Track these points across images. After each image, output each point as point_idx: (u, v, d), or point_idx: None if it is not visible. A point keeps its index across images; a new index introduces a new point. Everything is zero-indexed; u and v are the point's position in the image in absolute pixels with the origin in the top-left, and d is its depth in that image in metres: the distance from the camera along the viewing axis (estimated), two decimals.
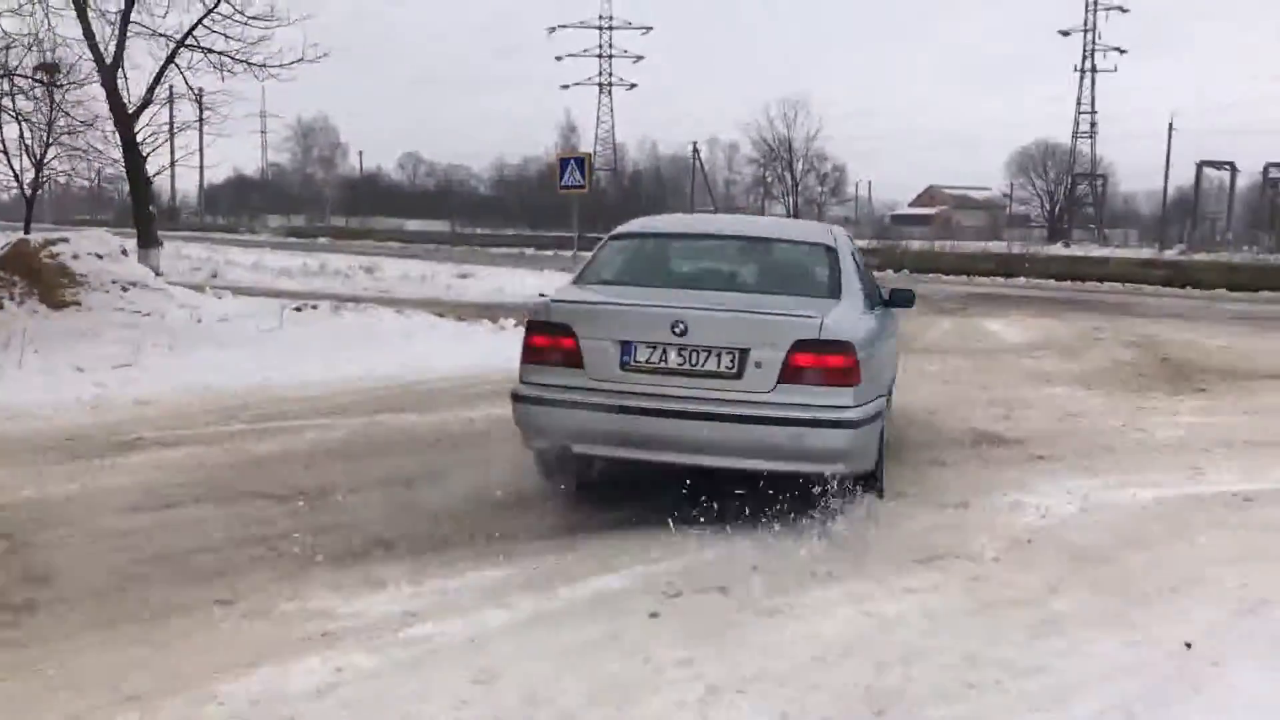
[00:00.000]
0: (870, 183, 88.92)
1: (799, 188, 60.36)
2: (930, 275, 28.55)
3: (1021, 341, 12.63)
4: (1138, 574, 4.29)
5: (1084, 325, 14.64)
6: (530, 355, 5.05)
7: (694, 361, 4.70)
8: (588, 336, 4.81)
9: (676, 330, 4.66)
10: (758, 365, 4.64)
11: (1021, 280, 26.63)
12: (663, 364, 4.73)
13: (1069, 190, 76.45)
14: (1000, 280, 26.83)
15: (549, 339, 4.94)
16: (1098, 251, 39.67)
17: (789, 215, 58.32)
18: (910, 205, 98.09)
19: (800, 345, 4.63)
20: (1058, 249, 41.83)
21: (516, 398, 5.05)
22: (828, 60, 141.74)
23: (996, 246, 38.69)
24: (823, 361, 4.65)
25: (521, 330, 5.25)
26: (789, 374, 4.62)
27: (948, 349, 11.86)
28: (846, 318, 4.99)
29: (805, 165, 61.05)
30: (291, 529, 4.61)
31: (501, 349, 10.95)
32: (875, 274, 7.28)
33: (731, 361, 4.67)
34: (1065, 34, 79.40)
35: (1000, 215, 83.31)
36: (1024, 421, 7.60)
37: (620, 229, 6.41)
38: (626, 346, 4.76)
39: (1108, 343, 12.54)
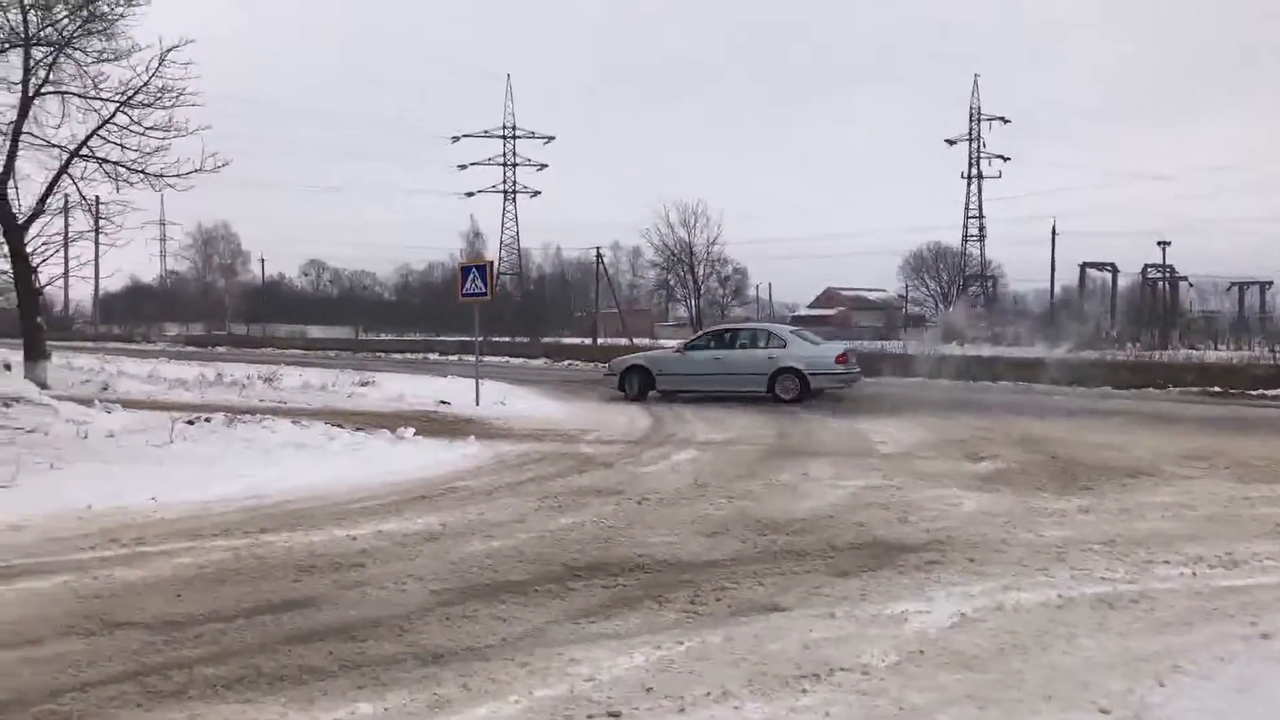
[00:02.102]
0: (770, 285, 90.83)
1: (701, 290, 61.22)
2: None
3: (915, 443, 12.86)
4: (1023, 682, 4.33)
5: (976, 425, 14.99)
6: None
7: None
8: None
9: None
10: None
11: (917, 380, 27.21)
12: None
13: (961, 291, 79.00)
14: (897, 380, 27.38)
15: None
16: (990, 351, 40.76)
17: (691, 317, 59.09)
18: (809, 306, 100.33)
19: None
20: (951, 348, 42.93)
21: None
22: (726, 167, 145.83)
23: (893, 346, 39.58)
24: None
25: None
26: None
27: (841, 452, 12.02)
28: None
29: (706, 269, 62.09)
30: (162, 664, 4.42)
31: (397, 459, 10.91)
32: None
33: None
34: (951, 143, 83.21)
35: (896, 315, 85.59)
36: (918, 525, 7.69)
37: None
38: None
39: (998, 442, 12.83)
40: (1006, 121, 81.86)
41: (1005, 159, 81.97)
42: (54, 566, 6.21)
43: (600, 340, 61.93)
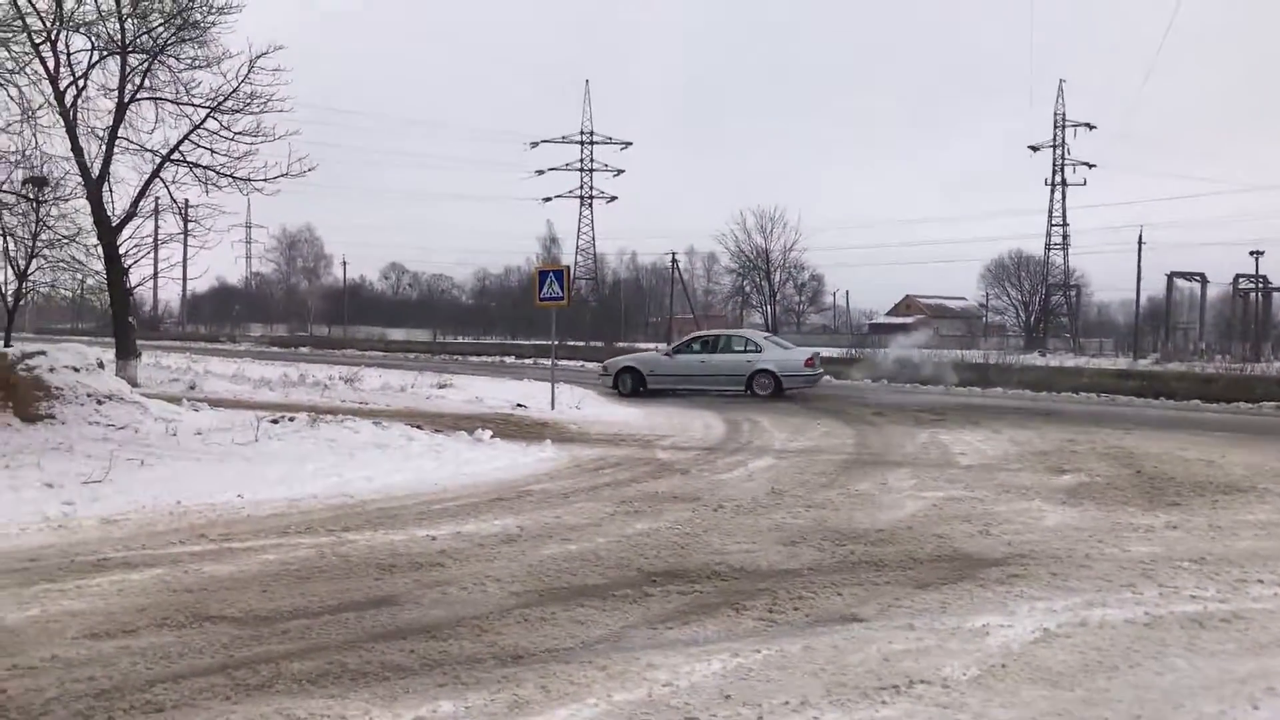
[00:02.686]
0: (848, 292, 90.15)
1: (777, 296, 60.91)
2: (908, 385, 28.71)
3: (997, 454, 12.65)
4: (1111, 700, 4.24)
5: (1060, 437, 14.69)
6: None
7: None
8: None
9: None
10: None
11: (998, 390, 26.79)
12: None
13: (1043, 300, 77.53)
14: (977, 390, 26.97)
15: None
16: (1073, 361, 40.03)
17: (766, 323, 58.81)
18: (888, 314, 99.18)
19: None
20: (1034, 358, 42.25)
21: None
22: (805, 172, 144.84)
23: (973, 355, 38.99)
24: None
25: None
26: None
27: (924, 463, 11.87)
28: None
29: (783, 275, 61.74)
30: (250, 657, 4.52)
31: (475, 461, 11.04)
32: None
33: None
34: (1035, 149, 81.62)
35: (976, 325, 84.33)
36: (1000, 537, 7.57)
37: None
38: None
39: (1083, 455, 12.57)
40: (1092, 128, 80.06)
41: (1091, 166, 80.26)
42: (147, 560, 6.39)
43: None
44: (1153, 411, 21.05)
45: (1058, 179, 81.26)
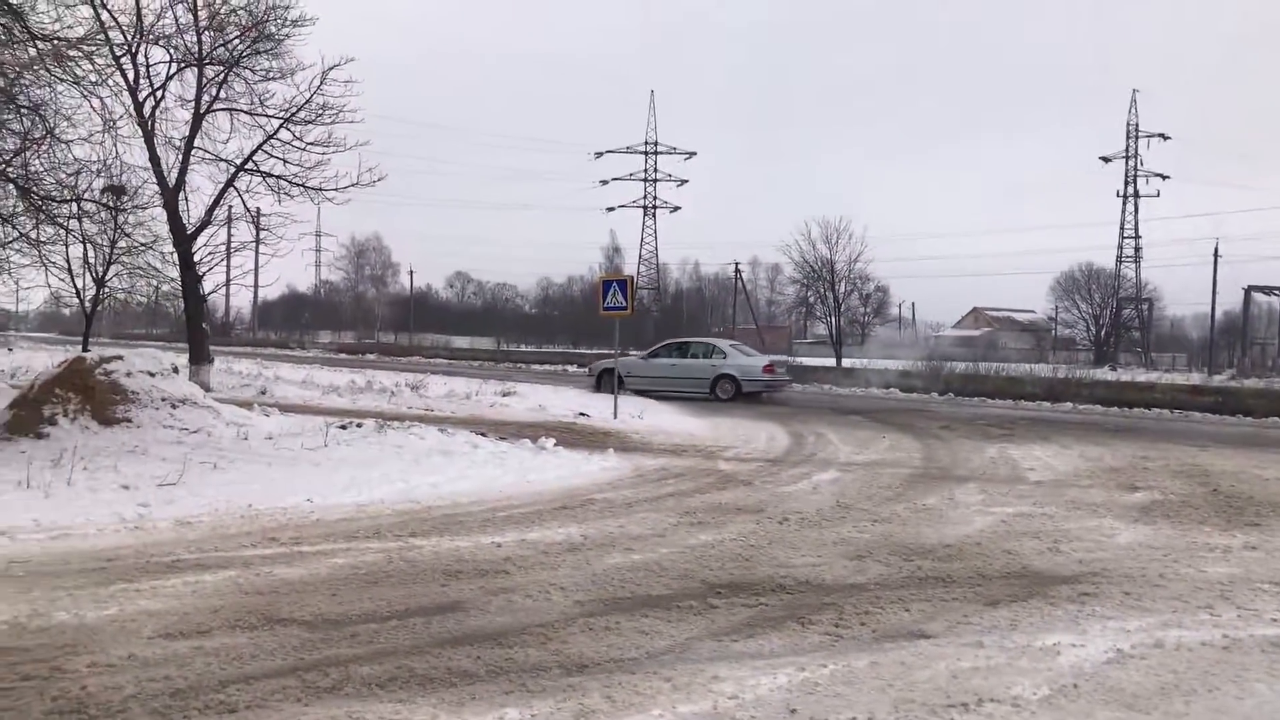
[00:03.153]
0: (914, 304, 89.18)
1: (842, 308, 60.36)
2: (975, 398, 28.34)
3: (1067, 470, 12.42)
4: None
5: (1132, 453, 14.40)
6: None
7: None
8: None
9: None
10: None
11: (1068, 405, 26.32)
12: None
13: (1114, 314, 76.04)
14: (1046, 405, 26.54)
15: None
16: (1144, 376, 39.21)
17: (831, 335, 58.41)
18: (954, 326, 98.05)
19: None
20: (1104, 373, 41.45)
21: None
22: (871, 183, 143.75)
23: (1042, 369, 38.36)
24: None
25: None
26: None
27: (992, 478, 11.70)
28: None
29: (848, 286, 61.16)
30: (320, 660, 4.59)
31: (538, 469, 11.09)
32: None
33: None
34: (1106, 160, 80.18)
35: (1045, 338, 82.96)
36: (1071, 555, 7.43)
37: None
38: None
39: (1156, 472, 12.30)
40: (1166, 139, 78.46)
41: (1165, 178, 78.61)
42: (220, 562, 6.51)
43: None
44: (1228, 429, 20.55)
45: (1130, 190, 79.74)
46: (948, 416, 21.43)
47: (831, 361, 50.81)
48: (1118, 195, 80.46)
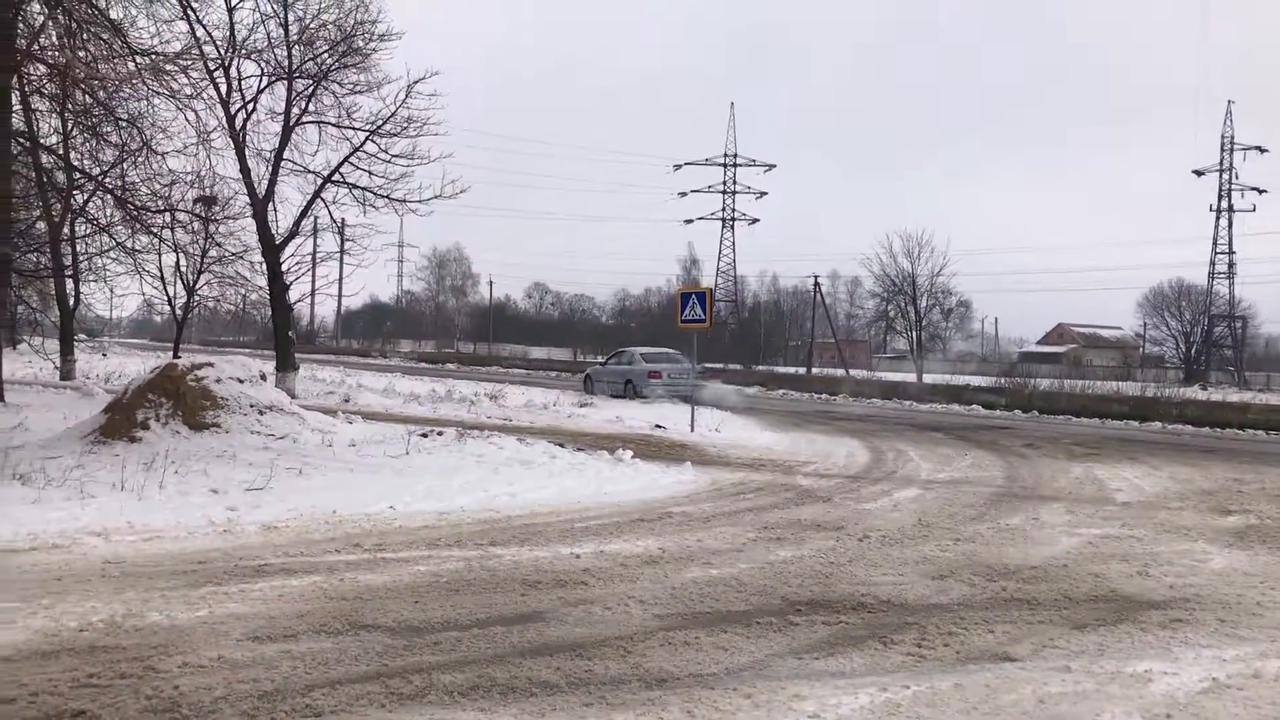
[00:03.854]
0: (996, 319, 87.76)
1: (923, 322, 59.59)
2: (1060, 416, 27.76)
3: (1156, 492, 12.09)
4: None
5: (1224, 476, 13.97)
6: None
7: None
8: None
9: None
10: None
11: (1156, 424, 25.66)
12: None
13: (1206, 331, 73.97)
14: (1134, 424, 25.90)
15: None
16: (1237, 396, 37.98)
17: (911, 349, 57.77)
18: (1039, 343, 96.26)
19: None
20: (1194, 392, 40.30)
21: None
22: (955, 196, 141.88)
23: (1129, 388, 37.43)
24: None
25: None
26: None
27: (1078, 498, 11.44)
28: None
29: (929, 300, 60.37)
30: (403, 667, 4.64)
31: (616, 481, 11.12)
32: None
33: None
34: (1199, 174, 78.12)
35: (1133, 355, 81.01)
36: (1162, 580, 7.23)
37: None
38: None
39: (1252, 496, 11.91)
40: (1264, 151, 76.21)
41: (1261, 191, 76.33)
42: (305, 567, 6.63)
43: (816, 370, 61.31)
44: None
45: (1224, 204, 77.57)
46: (1031, 434, 21.03)
47: (912, 376, 50.18)
48: (1211, 209, 78.38)
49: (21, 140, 19.23)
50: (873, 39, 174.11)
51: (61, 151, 20.85)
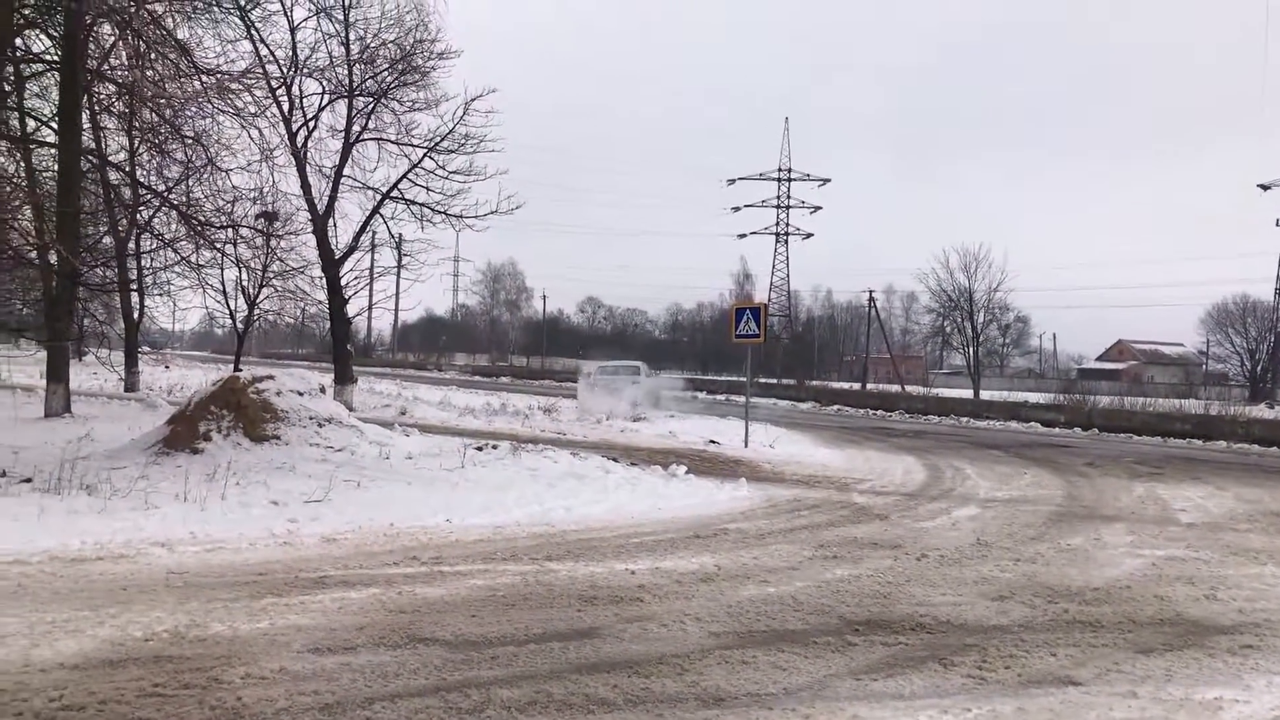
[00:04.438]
0: (1055, 335, 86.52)
1: (980, 338, 58.97)
2: (1121, 435, 27.29)
3: (1222, 513, 11.83)
4: None
5: None
6: None
7: None
8: None
9: None
10: None
11: (1221, 444, 25.13)
12: None
13: (1272, 348, 72.35)
14: (1198, 443, 25.38)
15: None
16: None
17: (968, 365, 57.17)
18: (1098, 359, 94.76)
19: None
20: (1260, 411, 39.40)
21: None
22: (1010, 210, 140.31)
23: (1192, 406, 36.69)
24: None
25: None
26: None
27: (1141, 518, 11.23)
28: None
29: (986, 316, 59.71)
30: (461, 681, 4.66)
31: (670, 496, 11.10)
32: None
33: None
34: (1265, 188, 76.53)
35: (1195, 373, 79.45)
36: (1230, 604, 7.07)
37: None
38: None
39: None
40: None
41: None
42: (364, 579, 6.69)
43: (870, 386, 60.84)
44: None
45: None
46: (1091, 453, 20.69)
47: (968, 393, 49.63)
48: (1277, 224, 76.72)
49: (90, 158, 19.70)
50: (935, 57, 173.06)
51: (128, 168, 21.32)
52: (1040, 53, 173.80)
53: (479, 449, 13.68)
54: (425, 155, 23.21)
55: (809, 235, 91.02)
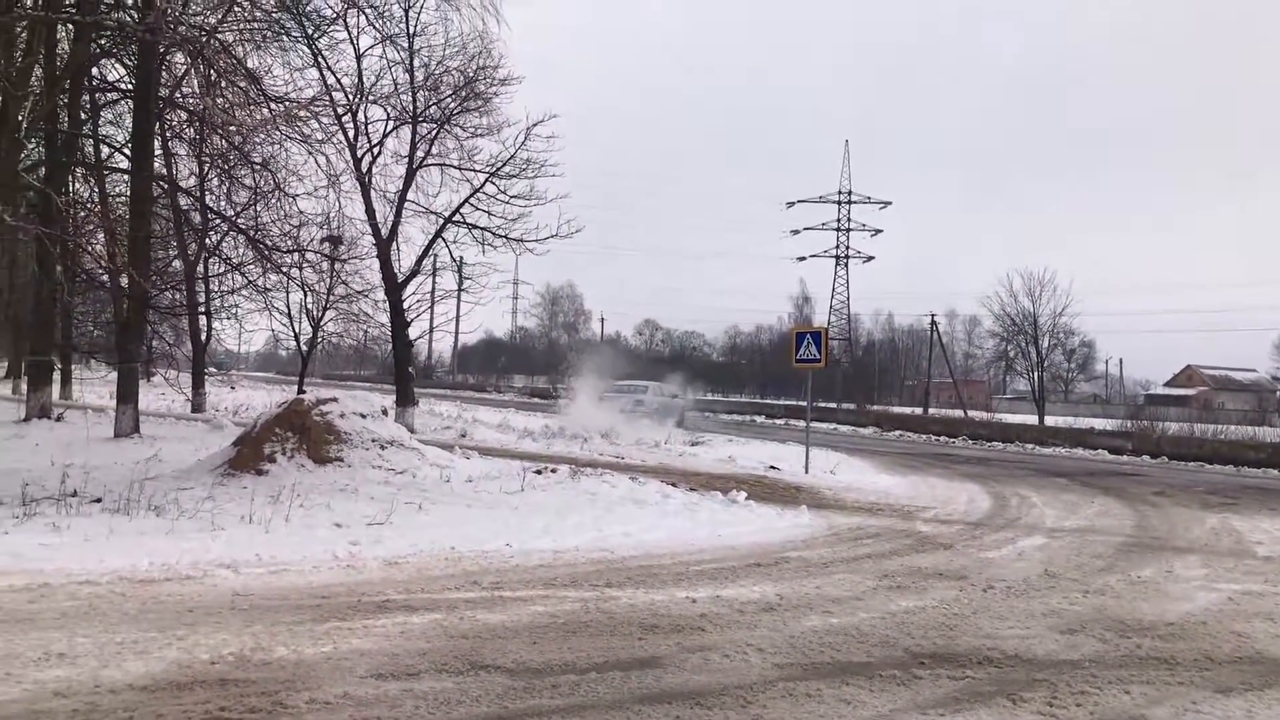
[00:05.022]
0: (1121, 360, 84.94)
1: (1044, 363, 58.06)
2: (1192, 463, 26.67)
3: None
4: None
5: None
6: None
7: None
8: None
9: None
10: None
11: None
12: None
13: None
14: (1273, 472, 24.71)
15: None
16: None
17: (1033, 391, 56.33)
18: (1166, 385, 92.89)
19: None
20: None
21: None
22: (1075, 233, 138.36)
23: (1267, 433, 35.77)
24: None
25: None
26: None
27: (1215, 550, 10.93)
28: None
29: (1051, 340, 58.80)
30: (523, 710, 4.64)
31: (730, 523, 11.01)
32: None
33: None
34: None
35: (1269, 399, 77.51)
36: None
37: None
38: None
39: None
40: None
41: None
42: (426, 604, 6.70)
43: (932, 410, 60.14)
44: None
45: None
46: (1161, 481, 20.23)
47: (1032, 418, 48.86)
48: None
49: (161, 183, 20.16)
50: (999, 79, 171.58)
51: (198, 194, 21.78)
52: (1107, 76, 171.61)
53: (538, 472, 13.70)
54: (487, 180, 23.45)
55: (870, 258, 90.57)
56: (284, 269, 20.31)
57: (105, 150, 22.59)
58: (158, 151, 20.12)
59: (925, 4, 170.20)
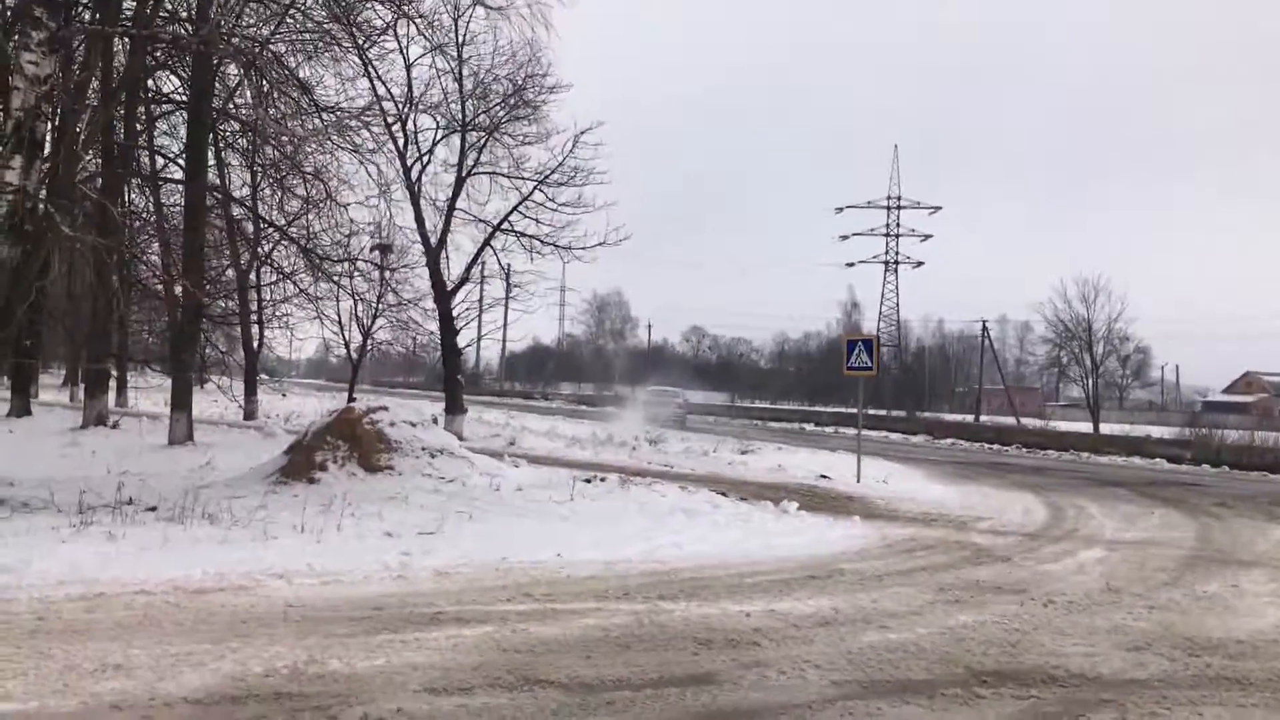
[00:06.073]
0: (1178, 367, 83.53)
1: (1099, 370, 57.16)
2: (1254, 473, 26.07)
3: None
4: None
5: None
6: None
7: None
8: None
9: None
10: None
11: None
12: None
13: None
14: None
15: None
16: None
17: (1087, 399, 55.49)
18: (1224, 392, 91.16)
19: None
20: None
21: None
22: (1129, 239, 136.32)
23: None
24: None
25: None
26: None
27: (1279, 563, 10.64)
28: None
29: (1105, 347, 57.90)
30: None
31: (782, 534, 10.88)
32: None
33: None
34: None
35: None
36: None
37: None
38: None
39: None
40: None
41: None
42: (477, 616, 6.65)
43: (984, 418, 59.42)
44: None
45: None
46: (1222, 492, 19.78)
47: (1086, 426, 48.14)
48: None
49: (215, 193, 20.40)
50: (1057, 88, 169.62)
51: (251, 203, 22.01)
52: (1154, 86, 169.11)
53: (587, 481, 13.65)
54: (535, 188, 23.51)
55: (919, 264, 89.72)
56: (335, 277, 20.47)
57: (160, 161, 22.90)
58: (211, 162, 20.36)
59: (985, 5, 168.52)
